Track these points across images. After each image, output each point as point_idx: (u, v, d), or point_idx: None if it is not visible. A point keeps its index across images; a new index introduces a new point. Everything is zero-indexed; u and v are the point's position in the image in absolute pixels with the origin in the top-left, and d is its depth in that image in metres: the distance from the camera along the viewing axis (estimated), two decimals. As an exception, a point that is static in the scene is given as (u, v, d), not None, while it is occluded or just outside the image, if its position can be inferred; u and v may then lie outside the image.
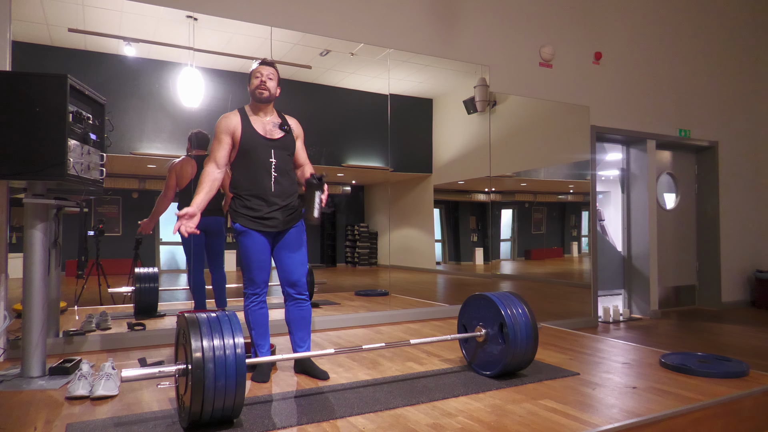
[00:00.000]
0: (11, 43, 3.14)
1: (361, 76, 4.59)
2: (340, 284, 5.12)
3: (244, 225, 2.56)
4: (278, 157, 2.61)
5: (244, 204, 2.58)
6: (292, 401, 2.29)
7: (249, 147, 2.57)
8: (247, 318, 2.63)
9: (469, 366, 2.82)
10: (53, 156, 2.43)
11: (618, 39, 5.76)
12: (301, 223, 2.70)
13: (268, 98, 2.62)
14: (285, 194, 2.61)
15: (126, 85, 3.64)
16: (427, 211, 5.29)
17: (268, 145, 2.59)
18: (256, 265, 2.59)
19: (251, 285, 2.61)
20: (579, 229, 6.01)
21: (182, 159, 3.71)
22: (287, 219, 2.62)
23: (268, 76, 2.61)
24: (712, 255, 6.47)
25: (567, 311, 5.44)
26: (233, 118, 2.59)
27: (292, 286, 2.66)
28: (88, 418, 2.08)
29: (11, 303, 3.11)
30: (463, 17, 4.84)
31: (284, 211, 2.61)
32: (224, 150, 2.57)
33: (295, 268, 2.65)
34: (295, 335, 2.68)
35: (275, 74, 2.66)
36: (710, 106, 6.46)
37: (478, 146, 5.03)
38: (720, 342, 4.61)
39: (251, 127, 2.59)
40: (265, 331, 2.66)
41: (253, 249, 2.58)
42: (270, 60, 2.70)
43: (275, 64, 2.71)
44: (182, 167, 3.67)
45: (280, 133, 2.64)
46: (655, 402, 2.29)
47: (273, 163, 2.59)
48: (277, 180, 2.59)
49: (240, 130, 2.57)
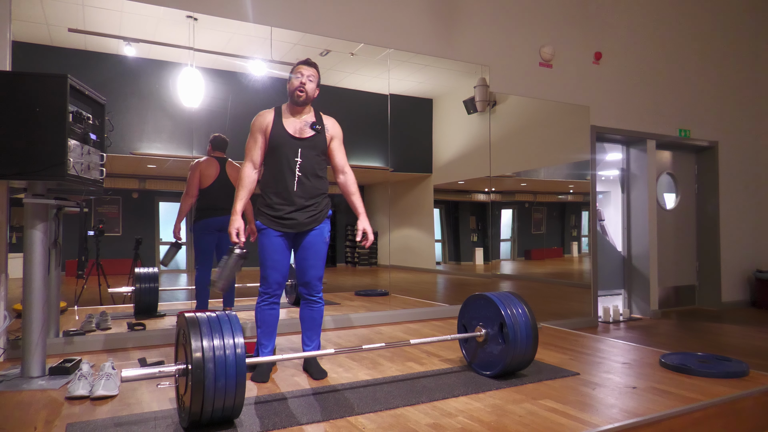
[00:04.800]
0: (11, 43, 3.14)
1: (361, 76, 4.59)
2: (340, 284, 5.12)
3: (264, 223, 2.60)
4: (305, 156, 2.60)
5: (266, 202, 2.61)
6: (292, 401, 2.29)
7: (276, 145, 2.59)
8: (256, 316, 2.65)
9: (469, 366, 2.82)
10: (53, 156, 2.43)
11: (618, 39, 5.76)
12: (325, 224, 2.69)
13: (305, 101, 2.63)
14: (308, 195, 2.61)
15: (126, 85, 3.64)
16: (427, 211, 5.29)
17: (296, 144, 2.59)
18: (270, 264, 2.60)
19: (264, 283, 2.63)
20: (579, 229, 6.01)
21: (206, 159, 3.73)
22: (308, 220, 2.62)
23: (309, 78, 2.61)
24: (712, 255, 6.47)
25: (567, 311, 5.44)
26: (267, 116, 2.63)
27: (304, 286, 2.69)
28: (88, 418, 2.08)
29: (11, 303, 3.11)
30: (463, 17, 4.84)
31: (306, 211, 2.60)
32: (259, 149, 2.62)
33: (307, 270, 2.67)
34: (304, 334, 2.73)
35: (316, 76, 2.64)
36: (710, 106, 6.46)
37: (478, 146, 5.03)
38: (720, 342, 4.61)
39: (281, 125, 2.60)
40: (271, 331, 2.67)
41: (268, 248, 2.59)
42: (313, 61, 2.67)
43: (317, 65, 2.68)
44: (207, 167, 3.70)
45: (311, 132, 2.63)
46: (655, 402, 2.29)
47: (298, 162, 2.58)
48: (300, 180, 2.58)
49: (271, 127, 2.60)
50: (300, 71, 2.61)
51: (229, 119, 3.93)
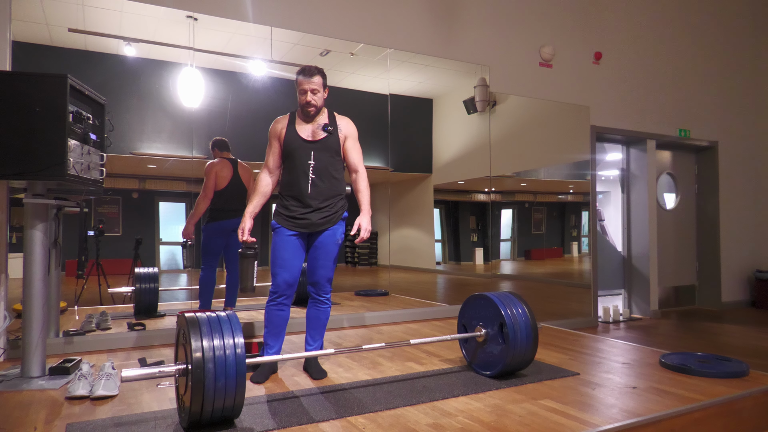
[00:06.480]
0: (11, 43, 3.14)
1: (361, 76, 4.59)
2: (340, 284, 5.12)
3: (278, 222, 2.63)
4: (317, 158, 2.62)
5: (282, 203, 2.66)
6: (292, 401, 2.29)
7: (290, 149, 2.62)
8: (264, 315, 2.66)
9: (469, 366, 2.82)
10: (53, 156, 2.43)
11: (618, 39, 5.76)
12: (339, 226, 2.70)
13: (316, 113, 2.64)
14: (323, 196, 2.63)
15: (126, 85, 3.64)
16: (427, 211, 5.29)
17: (308, 147, 2.62)
18: (279, 263, 2.61)
19: (272, 283, 2.64)
20: (579, 229, 6.01)
21: (220, 161, 3.74)
22: (321, 221, 2.63)
23: (314, 91, 2.59)
24: (712, 255, 6.47)
25: (567, 311, 5.44)
26: (281, 122, 2.68)
27: (312, 285, 2.71)
28: (88, 418, 2.08)
29: (11, 303, 3.11)
30: (463, 17, 4.84)
31: (320, 212, 2.62)
32: (274, 155, 2.67)
33: (317, 269, 2.68)
34: (307, 333, 2.75)
35: (320, 83, 2.61)
36: (710, 106, 6.46)
37: (478, 146, 5.03)
38: (720, 342, 4.61)
39: (294, 130, 2.64)
40: (278, 332, 2.66)
41: (279, 246, 2.62)
42: (312, 68, 2.61)
43: (320, 70, 2.63)
44: (222, 168, 3.72)
45: (323, 134, 2.64)
46: (655, 402, 2.29)
47: (311, 164, 2.61)
48: (314, 182, 2.61)
49: (285, 133, 2.64)
50: (303, 87, 2.59)
51: (229, 119, 3.93)
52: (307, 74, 2.59)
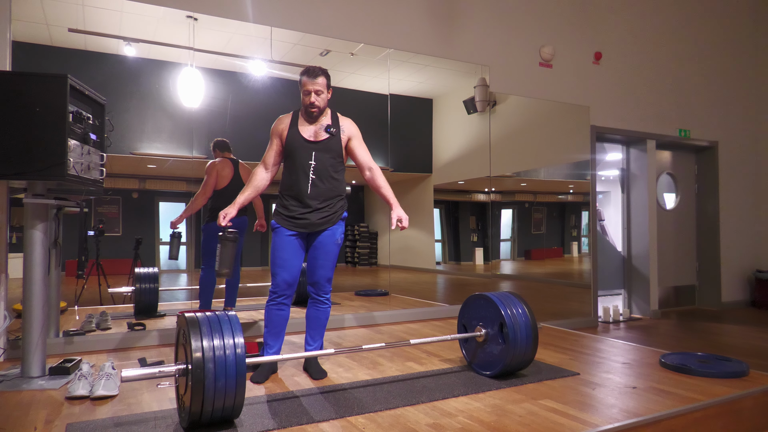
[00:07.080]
0: (11, 43, 3.14)
1: (361, 76, 4.59)
2: (340, 284, 5.12)
3: (278, 222, 2.64)
4: (318, 159, 2.61)
5: (282, 203, 2.66)
6: (292, 401, 2.29)
7: (291, 149, 2.62)
8: (264, 315, 2.66)
9: (469, 366, 2.82)
10: (53, 156, 2.43)
11: (618, 39, 5.75)
12: (338, 226, 2.70)
13: (319, 113, 2.64)
14: (322, 197, 2.62)
15: (126, 85, 3.64)
16: (427, 211, 5.29)
17: (310, 148, 2.61)
18: (278, 262, 2.61)
19: (272, 283, 2.64)
20: (579, 229, 6.00)
21: (222, 160, 3.75)
22: (320, 221, 2.63)
23: (317, 92, 2.58)
24: (712, 255, 6.47)
25: (567, 311, 5.44)
26: (284, 121, 2.67)
27: (312, 285, 2.71)
28: (88, 418, 2.08)
29: (11, 303, 3.11)
30: (463, 17, 4.84)
31: (319, 212, 2.62)
32: (272, 152, 2.67)
33: (316, 269, 2.68)
34: (307, 333, 2.75)
35: (324, 84, 2.60)
36: (710, 106, 6.46)
37: (478, 146, 5.03)
38: (720, 342, 4.61)
39: (297, 129, 2.63)
40: (278, 332, 2.66)
41: (278, 246, 2.62)
42: (317, 69, 2.59)
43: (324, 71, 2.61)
44: (223, 167, 3.73)
45: (325, 135, 2.63)
46: (655, 402, 2.29)
47: (312, 165, 2.60)
48: (314, 182, 2.60)
49: (287, 132, 2.63)
50: (307, 88, 2.58)
51: (229, 119, 3.93)
52: (312, 75, 2.58)
